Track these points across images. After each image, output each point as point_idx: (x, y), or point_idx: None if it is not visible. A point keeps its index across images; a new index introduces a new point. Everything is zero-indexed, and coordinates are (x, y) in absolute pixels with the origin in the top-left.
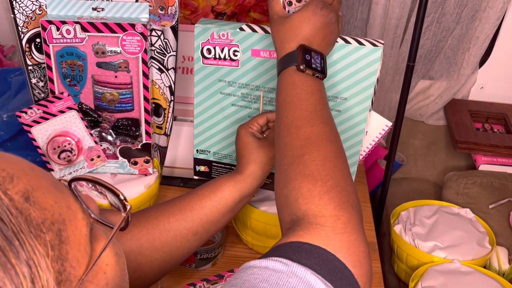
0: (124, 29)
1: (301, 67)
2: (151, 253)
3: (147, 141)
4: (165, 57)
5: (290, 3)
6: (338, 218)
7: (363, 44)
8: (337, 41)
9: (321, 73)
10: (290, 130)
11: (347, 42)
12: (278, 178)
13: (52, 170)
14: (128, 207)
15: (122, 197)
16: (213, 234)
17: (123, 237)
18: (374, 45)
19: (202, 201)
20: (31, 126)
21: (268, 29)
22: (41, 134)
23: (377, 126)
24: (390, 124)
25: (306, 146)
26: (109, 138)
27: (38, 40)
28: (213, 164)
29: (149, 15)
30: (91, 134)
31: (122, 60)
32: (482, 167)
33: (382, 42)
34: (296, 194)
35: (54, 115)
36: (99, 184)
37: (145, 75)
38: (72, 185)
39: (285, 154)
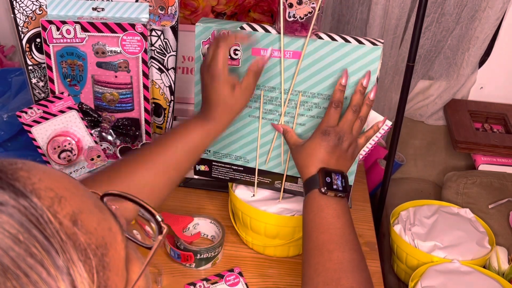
0: (124, 29)
1: (323, 189)
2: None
3: (147, 141)
4: (165, 57)
5: (291, 5)
6: None
7: (363, 43)
8: (336, 40)
9: (342, 192)
10: (321, 251)
11: (346, 41)
12: None
13: None
14: (165, 231)
15: (159, 219)
16: (180, 180)
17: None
18: (373, 44)
19: (175, 155)
20: (31, 126)
21: (268, 27)
22: (41, 134)
23: None
24: (390, 123)
25: (341, 271)
26: (109, 138)
27: (38, 40)
28: (213, 163)
29: (149, 15)
30: (91, 134)
31: (122, 60)
32: (482, 167)
33: (382, 41)
34: None
35: (54, 115)
36: (134, 202)
37: (145, 75)
38: (105, 200)
39: (318, 273)
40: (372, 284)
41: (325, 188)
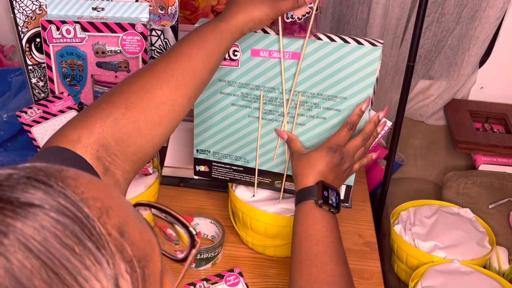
0: (124, 29)
1: (319, 202)
2: (151, 131)
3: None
4: None
5: None
6: None
7: (362, 44)
8: (335, 41)
9: (335, 208)
10: (315, 262)
11: (346, 41)
12: None
13: None
14: (198, 245)
15: (193, 232)
16: (200, 94)
17: (119, 123)
18: (373, 44)
19: (192, 63)
20: (31, 126)
21: (268, 29)
22: (41, 133)
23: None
24: (390, 124)
25: (334, 284)
26: None
27: (38, 40)
28: (213, 164)
29: (149, 15)
30: None
31: (122, 60)
32: (482, 167)
33: (381, 41)
34: None
35: (54, 115)
36: (168, 214)
37: None
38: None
39: (310, 284)
40: None
41: (322, 201)
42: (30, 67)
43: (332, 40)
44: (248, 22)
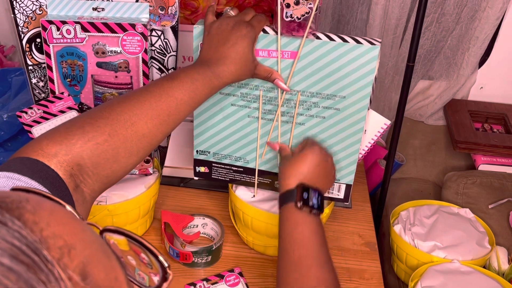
0: (124, 29)
1: (298, 204)
2: (127, 160)
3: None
4: (165, 57)
5: (288, 5)
6: None
7: (361, 43)
8: (334, 40)
9: (317, 210)
10: (298, 267)
11: (344, 40)
12: None
13: None
14: (170, 278)
15: (165, 264)
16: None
17: (99, 148)
18: (371, 43)
19: (179, 107)
20: (31, 126)
21: (266, 28)
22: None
23: (376, 124)
24: (388, 122)
25: None
26: None
27: (38, 40)
28: (213, 164)
29: (149, 15)
30: None
31: (122, 60)
32: (482, 167)
33: (380, 40)
34: None
35: (55, 115)
36: (136, 241)
37: (146, 75)
38: (103, 237)
39: None
40: None
41: (301, 203)
42: (30, 67)
43: (330, 39)
44: (234, 82)
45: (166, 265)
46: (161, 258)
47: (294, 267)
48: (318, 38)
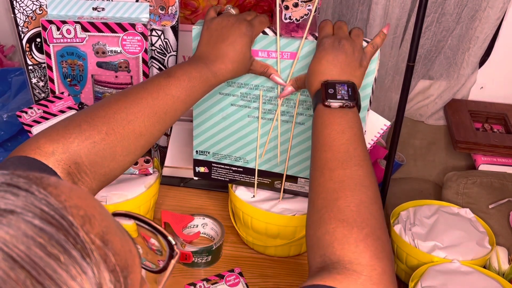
0: (124, 29)
1: (326, 102)
2: (125, 158)
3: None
4: (165, 57)
5: (287, 7)
6: (374, 268)
7: None
8: None
9: (349, 100)
10: (323, 172)
11: None
12: (311, 218)
13: None
14: (177, 255)
15: (172, 242)
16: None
17: (96, 146)
18: None
19: (176, 105)
20: (31, 126)
21: (266, 30)
22: None
23: (376, 125)
24: (388, 123)
25: (341, 190)
26: None
27: (38, 40)
28: (213, 165)
29: (150, 15)
30: None
31: (122, 60)
32: (482, 167)
33: None
34: (331, 238)
35: (55, 115)
36: (146, 223)
37: (146, 75)
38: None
39: (318, 196)
40: (377, 203)
41: (328, 100)
42: (30, 67)
43: None
44: (231, 79)
45: (173, 243)
46: (169, 238)
47: (319, 172)
48: (317, 39)
